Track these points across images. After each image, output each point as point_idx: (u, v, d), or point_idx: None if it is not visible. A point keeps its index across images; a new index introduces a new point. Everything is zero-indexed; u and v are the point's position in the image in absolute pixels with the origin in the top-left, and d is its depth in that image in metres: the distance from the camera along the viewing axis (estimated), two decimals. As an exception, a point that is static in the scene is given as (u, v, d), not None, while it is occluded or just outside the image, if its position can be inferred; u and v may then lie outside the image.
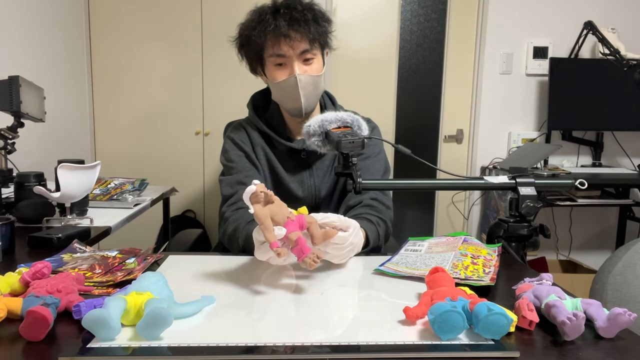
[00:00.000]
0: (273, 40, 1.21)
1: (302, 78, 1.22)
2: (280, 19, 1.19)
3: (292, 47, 1.21)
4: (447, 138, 2.93)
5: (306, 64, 1.24)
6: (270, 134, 1.32)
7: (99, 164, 1.26)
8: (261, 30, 1.21)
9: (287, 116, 1.35)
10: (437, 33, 2.85)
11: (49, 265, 0.79)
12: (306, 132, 1.04)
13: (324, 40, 1.26)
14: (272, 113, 1.36)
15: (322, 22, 1.25)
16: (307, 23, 1.20)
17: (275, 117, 1.35)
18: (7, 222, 1.02)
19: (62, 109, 2.42)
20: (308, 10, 1.22)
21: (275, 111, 1.35)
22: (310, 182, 1.34)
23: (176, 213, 2.79)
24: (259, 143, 1.33)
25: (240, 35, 1.29)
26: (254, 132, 1.34)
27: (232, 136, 1.35)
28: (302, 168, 1.35)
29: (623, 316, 0.66)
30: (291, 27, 1.19)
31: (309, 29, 1.20)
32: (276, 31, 1.19)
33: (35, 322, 0.63)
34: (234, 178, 1.27)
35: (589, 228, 3.02)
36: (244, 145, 1.32)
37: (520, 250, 1.06)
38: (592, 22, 2.59)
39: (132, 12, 2.68)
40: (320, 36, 1.24)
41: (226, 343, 0.63)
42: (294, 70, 1.22)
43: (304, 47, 1.22)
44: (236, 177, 1.26)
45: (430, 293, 0.74)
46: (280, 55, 1.22)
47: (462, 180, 1.08)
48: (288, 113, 1.32)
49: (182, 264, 0.98)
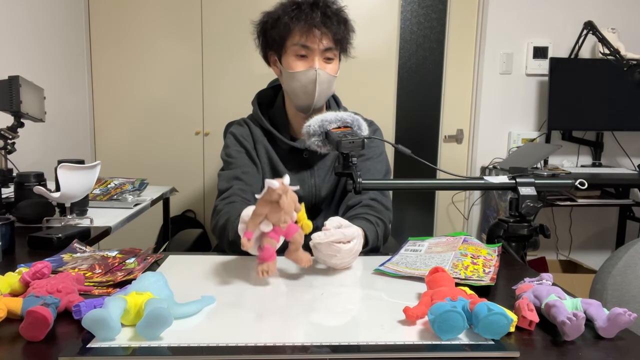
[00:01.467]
0: (304, 29, 1.22)
1: (322, 74, 1.23)
2: (317, 11, 1.21)
3: (320, 41, 1.22)
4: (447, 138, 2.93)
5: (326, 62, 1.26)
6: (273, 131, 1.32)
7: (99, 164, 1.26)
8: (296, 16, 1.22)
9: (291, 115, 1.35)
10: (437, 33, 2.85)
11: (49, 265, 0.79)
12: (306, 132, 1.04)
13: (345, 45, 1.29)
14: (276, 111, 1.36)
15: (349, 28, 1.29)
16: (339, 23, 1.24)
17: (279, 115, 1.35)
18: (7, 222, 1.02)
19: (62, 109, 2.42)
20: (341, 12, 1.26)
21: (280, 109, 1.36)
22: (310, 181, 1.34)
23: (176, 213, 2.78)
24: (261, 140, 1.33)
25: (266, 19, 1.29)
26: (257, 129, 1.35)
27: (234, 132, 1.36)
28: (304, 167, 1.35)
29: (623, 316, 0.66)
30: (324, 21, 1.21)
31: (339, 29, 1.23)
32: (310, 21, 1.21)
33: (35, 322, 0.63)
34: (231, 173, 1.28)
35: (589, 228, 3.02)
36: (245, 141, 1.33)
37: (520, 250, 1.06)
38: (592, 22, 2.59)
39: (132, 12, 2.68)
40: (344, 40, 1.27)
41: (226, 343, 0.63)
42: (315, 64, 1.23)
43: (330, 44, 1.23)
44: (233, 172, 1.27)
45: (430, 293, 0.74)
46: (305, 46, 1.23)
47: (462, 180, 1.08)
48: (296, 107, 1.31)
49: (182, 264, 0.99)
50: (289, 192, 0.85)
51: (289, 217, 0.86)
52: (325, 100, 1.32)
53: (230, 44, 2.69)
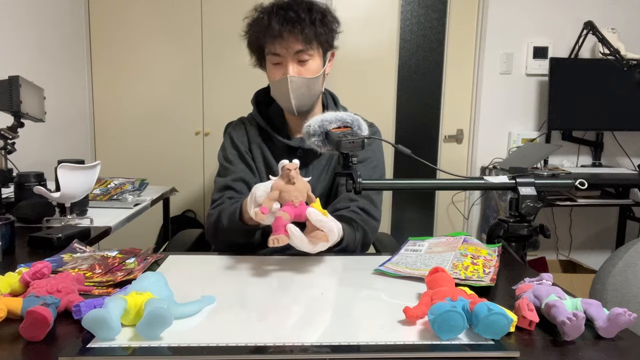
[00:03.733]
0: (270, 39, 1.22)
1: (294, 79, 1.22)
2: (274, 20, 1.19)
3: (285, 48, 1.21)
4: (447, 138, 2.93)
5: (301, 65, 1.24)
6: (268, 130, 1.33)
7: (99, 164, 1.26)
8: (257, 30, 1.23)
9: (287, 114, 1.35)
10: (437, 33, 2.85)
11: (49, 265, 0.79)
12: (306, 132, 1.04)
13: (323, 39, 1.25)
14: (272, 111, 1.37)
15: (323, 23, 1.24)
16: (302, 24, 1.19)
17: (277, 114, 1.36)
18: (7, 222, 1.02)
19: (62, 109, 2.42)
20: (305, 11, 1.21)
21: (276, 109, 1.36)
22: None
23: (176, 213, 2.79)
24: (256, 140, 1.34)
25: (246, 36, 1.30)
26: (253, 128, 1.35)
27: (231, 134, 1.37)
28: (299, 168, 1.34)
29: (623, 316, 0.66)
30: (284, 28, 1.19)
31: (303, 30, 1.19)
32: (270, 31, 1.20)
33: (35, 322, 0.63)
34: (224, 182, 1.28)
35: (589, 228, 3.02)
36: (240, 144, 1.33)
37: (520, 250, 1.06)
38: (592, 22, 2.59)
39: (132, 12, 2.68)
40: (317, 37, 1.22)
41: (226, 343, 0.63)
42: (288, 71, 1.22)
43: (298, 47, 1.21)
44: (225, 180, 1.28)
45: (430, 293, 0.74)
46: (276, 54, 1.23)
47: (462, 180, 1.08)
48: (285, 110, 1.33)
49: (182, 264, 0.99)
50: (300, 178, 0.96)
51: (300, 194, 0.94)
52: (310, 102, 1.29)
53: (230, 44, 2.69)
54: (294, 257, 1.04)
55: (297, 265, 0.99)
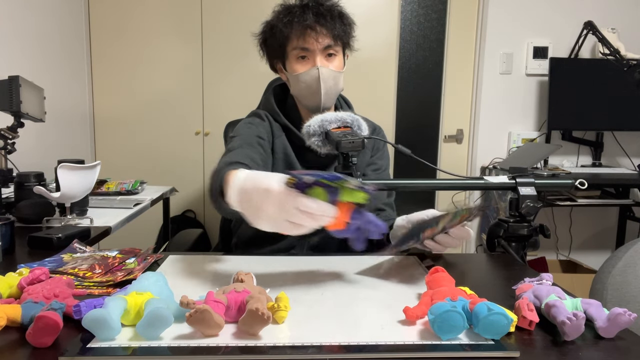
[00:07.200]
0: (299, 32, 1.22)
1: (324, 71, 1.22)
2: (309, 12, 1.21)
3: (316, 41, 1.22)
4: (447, 138, 2.93)
5: (328, 60, 1.25)
6: (292, 128, 1.29)
7: (99, 164, 1.26)
8: (288, 21, 1.22)
9: (304, 113, 1.32)
10: (437, 33, 2.86)
11: (46, 272, 0.78)
12: (306, 132, 1.04)
13: (346, 40, 1.29)
14: (289, 110, 1.33)
15: (347, 22, 1.28)
16: (333, 19, 1.23)
17: (293, 113, 1.33)
18: (7, 222, 1.02)
19: (62, 109, 2.42)
20: (335, 7, 1.25)
21: (293, 107, 1.33)
22: None
23: (176, 213, 2.78)
24: (280, 136, 1.30)
25: (265, 29, 1.29)
26: (276, 124, 1.31)
27: (252, 121, 1.29)
28: (318, 168, 1.33)
29: (623, 316, 0.66)
30: (317, 21, 1.21)
31: (335, 25, 1.23)
32: (303, 23, 1.20)
33: (47, 328, 0.62)
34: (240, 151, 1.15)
35: (589, 228, 3.02)
36: (264, 134, 1.26)
37: (520, 250, 1.06)
38: (592, 22, 2.59)
39: (132, 12, 2.68)
40: (343, 35, 1.26)
41: (226, 343, 0.63)
42: (316, 63, 1.22)
43: (328, 42, 1.23)
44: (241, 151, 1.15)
45: (430, 293, 0.74)
46: (304, 48, 1.23)
47: (462, 180, 1.08)
48: (306, 109, 1.30)
49: (182, 264, 0.98)
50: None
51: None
52: (334, 98, 1.30)
53: (230, 44, 2.69)
54: (294, 257, 1.04)
55: (297, 265, 0.99)
